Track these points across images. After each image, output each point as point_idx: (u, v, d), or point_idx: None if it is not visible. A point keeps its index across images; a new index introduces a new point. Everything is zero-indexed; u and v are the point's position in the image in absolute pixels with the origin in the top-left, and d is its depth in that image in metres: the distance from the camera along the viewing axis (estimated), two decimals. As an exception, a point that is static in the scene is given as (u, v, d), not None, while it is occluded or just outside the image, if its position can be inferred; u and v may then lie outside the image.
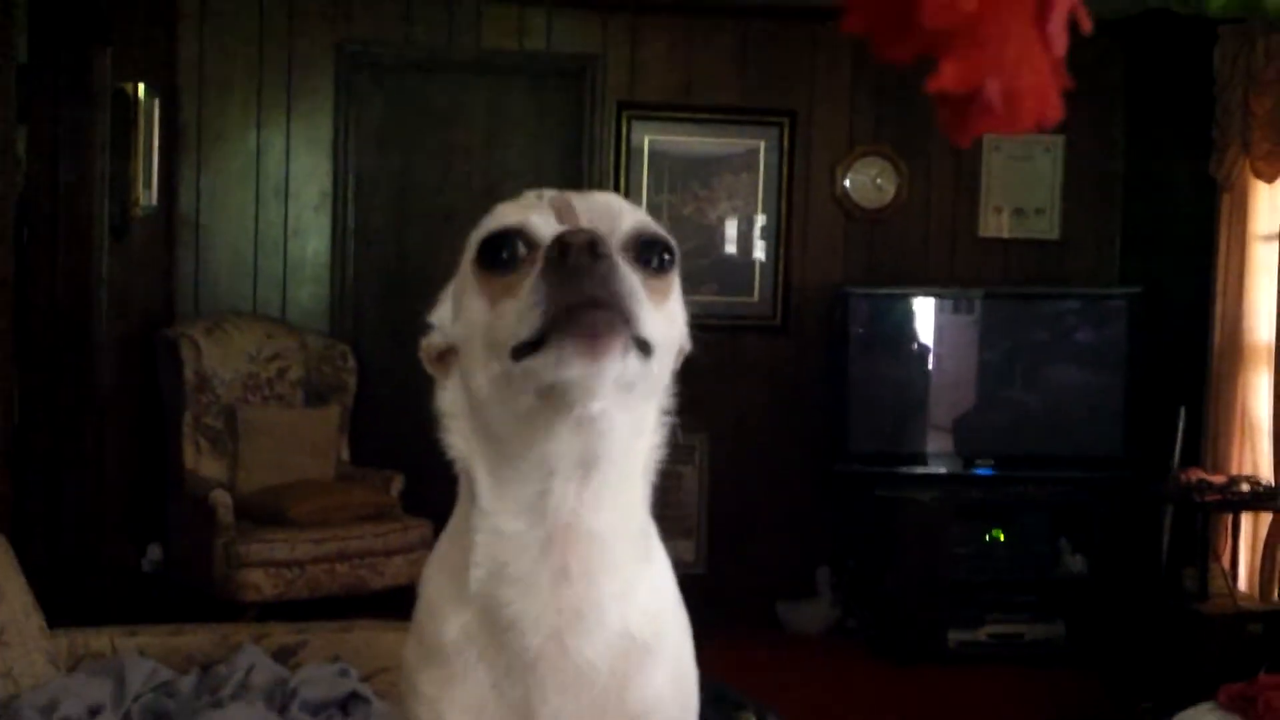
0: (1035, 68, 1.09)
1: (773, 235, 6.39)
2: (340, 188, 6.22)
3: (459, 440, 1.36)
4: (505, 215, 1.30)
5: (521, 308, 1.19)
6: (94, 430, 4.96)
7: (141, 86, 5.39)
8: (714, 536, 6.26)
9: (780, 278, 6.39)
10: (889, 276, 6.35)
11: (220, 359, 5.69)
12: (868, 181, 6.43)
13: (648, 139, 6.32)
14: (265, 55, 6.13)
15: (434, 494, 1.40)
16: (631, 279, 1.18)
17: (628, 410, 1.27)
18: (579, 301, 1.16)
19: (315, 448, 5.78)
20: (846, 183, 6.41)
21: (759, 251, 6.41)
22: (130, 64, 5.27)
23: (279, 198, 6.18)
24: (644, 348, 1.19)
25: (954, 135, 1.17)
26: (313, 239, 6.21)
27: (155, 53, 5.82)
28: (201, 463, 5.59)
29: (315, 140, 6.20)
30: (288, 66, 6.15)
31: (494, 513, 1.32)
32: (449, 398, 1.38)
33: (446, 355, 1.39)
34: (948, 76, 1.02)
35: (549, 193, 1.32)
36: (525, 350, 1.18)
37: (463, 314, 1.33)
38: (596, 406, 1.22)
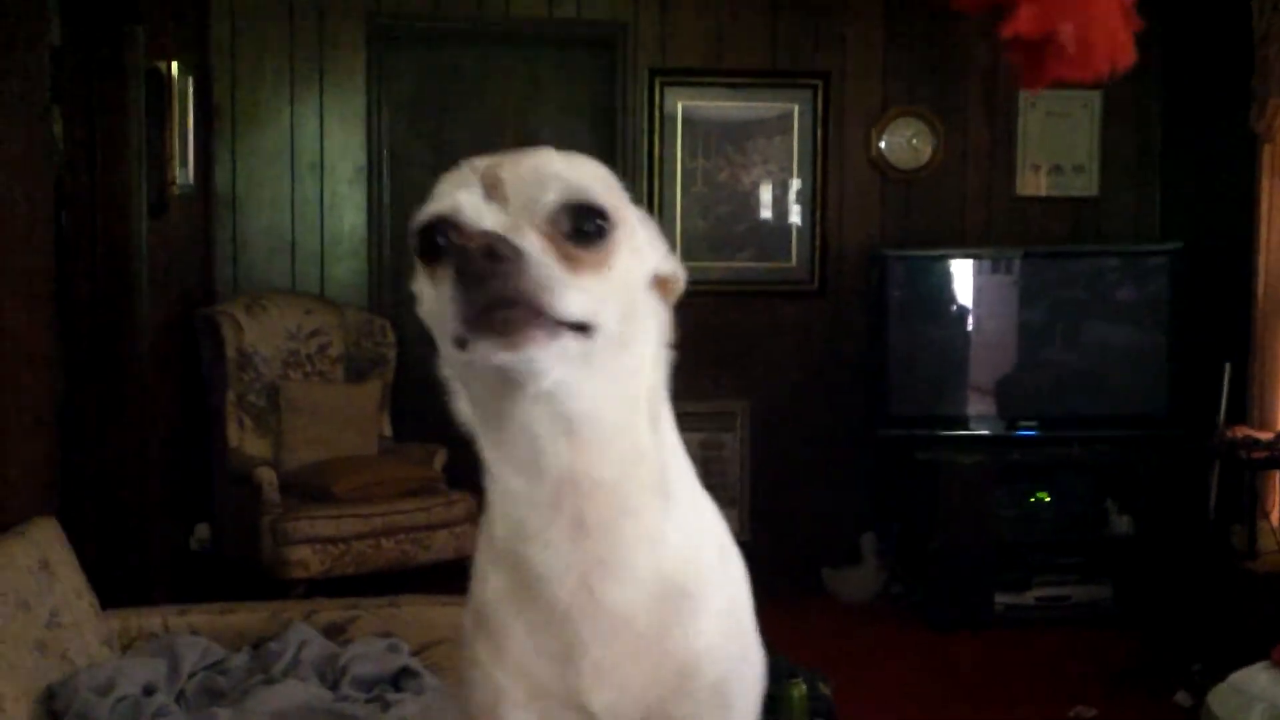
0: (1108, 12, 1.07)
1: (808, 199, 6.35)
2: (374, 161, 6.22)
3: (461, 405, 1.38)
4: (439, 198, 1.29)
5: (444, 308, 1.22)
6: (138, 410, 4.98)
7: (175, 65, 5.38)
8: (757, 504, 6.25)
9: (817, 242, 6.35)
10: (926, 238, 6.31)
11: (261, 336, 5.70)
12: (903, 142, 6.38)
13: (680, 105, 6.28)
14: (296, 30, 6.12)
15: (477, 468, 1.41)
16: (541, 268, 1.20)
17: (594, 374, 1.29)
18: (485, 304, 1.19)
19: (357, 423, 5.79)
20: (882, 144, 6.36)
21: (795, 216, 6.37)
22: (163, 43, 5.27)
23: (314, 173, 6.18)
24: (579, 326, 1.23)
25: (1026, 81, 1.15)
26: (349, 213, 6.21)
27: (187, 31, 5.81)
28: (245, 440, 5.61)
29: (348, 114, 6.19)
30: (319, 41, 6.14)
31: (500, 473, 1.36)
32: (445, 364, 1.38)
33: None
34: (1023, 21, 1.01)
35: (481, 163, 1.31)
36: (457, 342, 1.23)
37: (419, 295, 1.34)
38: (547, 383, 1.26)
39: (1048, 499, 5.77)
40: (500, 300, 1.18)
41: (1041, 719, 4.59)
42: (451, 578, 5.24)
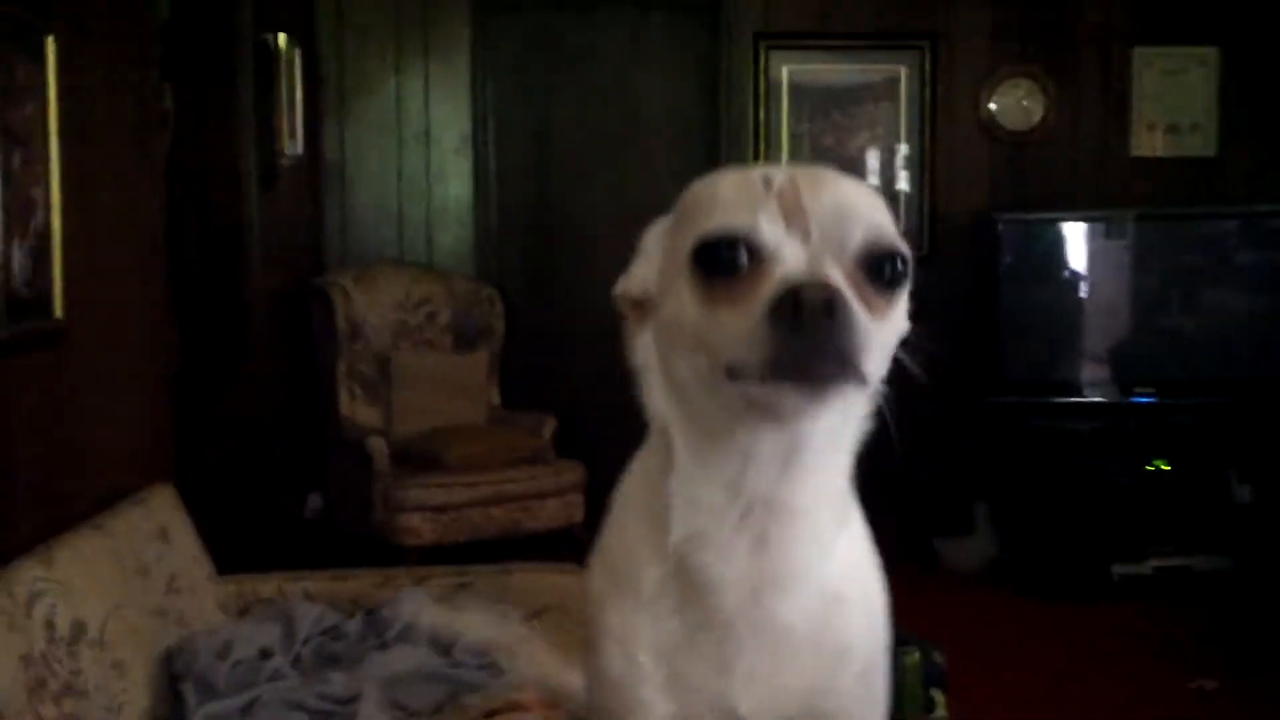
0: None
1: (916, 164, 6.26)
2: (480, 130, 6.23)
3: (655, 402, 1.34)
4: (726, 208, 1.22)
5: (744, 339, 1.16)
6: (251, 381, 5.04)
7: (282, 37, 5.43)
8: (865, 473, 6.18)
9: (925, 207, 6.26)
10: (1038, 201, 6.19)
11: (370, 306, 5.74)
12: (1014, 104, 6.26)
13: (785, 69, 6.21)
14: (401, 0, 6.14)
15: (586, 436, 1.39)
16: (862, 327, 1.15)
17: (836, 414, 1.28)
18: (805, 355, 1.14)
19: (466, 392, 5.82)
20: (992, 106, 6.24)
21: (903, 182, 6.28)
22: (270, 15, 5.30)
23: (420, 143, 6.21)
24: (863, 379, 1.18)
25: None
26: (454, 183, 6.23)
27: (294, 3, 5.85)
28: (356, 410, 5.66)
29: (453, 83, 6.20)
30: (423, 9, 6.16)
31: (692, 481, 1.31)
32: (644, 353, 1.34)
33: (644, 304, 1.34)
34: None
35: (776, 177, 1.23)
36: (742, 372, 1.17)
37: (670, 297, 1.27)
38: (807, 425, 1.25)
39: (1166, 467, 5.64)
40: (822, 355, 1.14)
41: (1161, 690, 4.49)
42: (562, 546, 5.26)
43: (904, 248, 1.25)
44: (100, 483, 3.14)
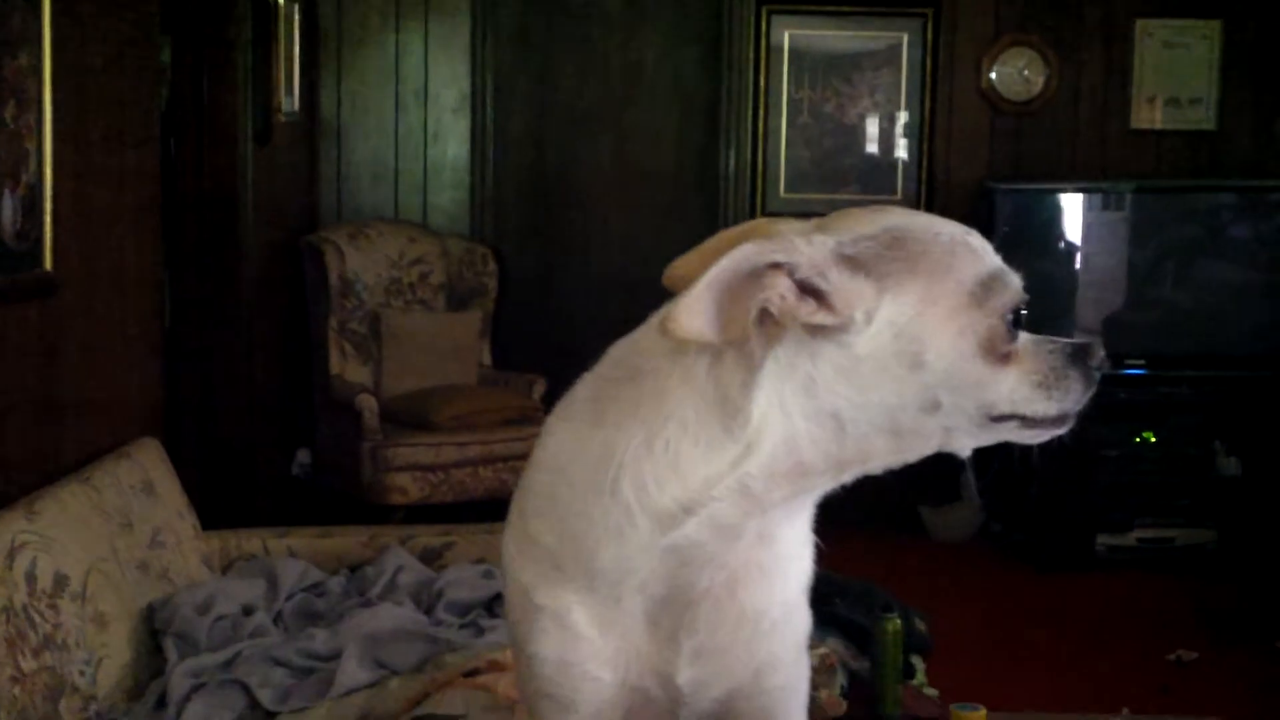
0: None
1: (915, 132, 6.25)
2: (479, 90, 6.21)
3: (765, 408, 1.28)
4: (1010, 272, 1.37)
5: (1041, 389, 1.36)
6: (242, 337, 5.05)
7: (281, -8, 5.41)
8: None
9: (923, 175, 6.25)
10: (1036, 172, 6.18)
11: (363, 264, 5.74)
12: (1015, 73, 6.23)
13: (787, 35, 6.19)
14: (402, -44, 6.13)
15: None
16: None
17: None
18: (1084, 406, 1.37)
19: (458, 352, 5.82)
20: (993, 75, 6.22)
21: (901, 150, 6.27)
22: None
23: (418, 101, 6.19)
24: None
25: None
26: (452, 142, 6.22)
27: (293, -42, 5.83)
28: (347, 368, 5.67)
29: (453, 42, 6.18)
30: (424, -33, 6.14)
31: (765, 478, 1.29)
32: (779, 365, 1.29)
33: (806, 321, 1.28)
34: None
35: None
36: (1009, 420, 1.38)
37: (931, 345, 1.31)
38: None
39: (1153, 439, 5.65)
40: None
41: (1141, 660, 4.52)
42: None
43: None
44: (87, 436, 3.16)
